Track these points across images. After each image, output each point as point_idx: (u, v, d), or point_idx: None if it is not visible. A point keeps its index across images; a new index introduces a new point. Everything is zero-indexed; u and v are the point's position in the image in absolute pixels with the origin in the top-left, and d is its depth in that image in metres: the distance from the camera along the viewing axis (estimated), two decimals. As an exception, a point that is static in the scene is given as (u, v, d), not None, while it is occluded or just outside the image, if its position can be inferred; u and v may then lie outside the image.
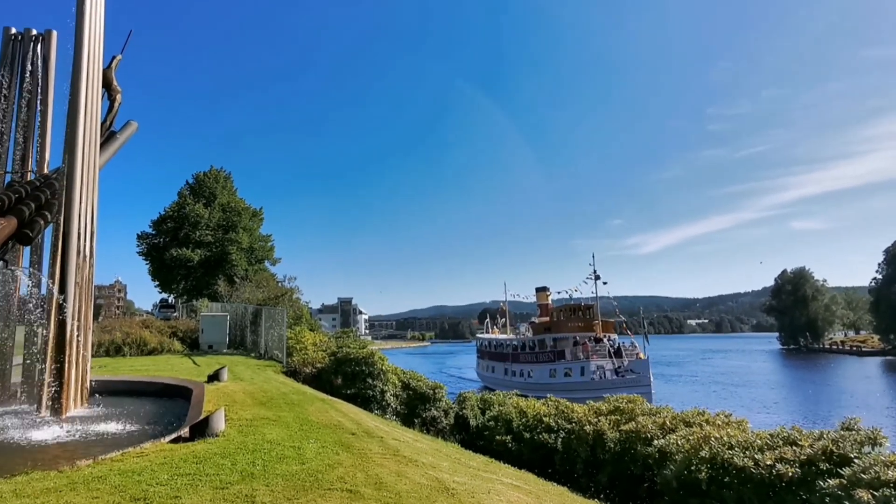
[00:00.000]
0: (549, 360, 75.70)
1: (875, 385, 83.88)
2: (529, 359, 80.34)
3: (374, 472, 8.59)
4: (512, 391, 25.29)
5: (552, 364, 74.63)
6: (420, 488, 7.97)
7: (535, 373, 77.19)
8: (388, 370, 23.82)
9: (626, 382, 62.30)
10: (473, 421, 22.53)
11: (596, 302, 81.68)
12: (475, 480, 9.49)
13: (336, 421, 13.23)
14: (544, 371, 75.29)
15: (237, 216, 76.98)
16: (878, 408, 59.36)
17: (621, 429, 16.30)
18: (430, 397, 23.34)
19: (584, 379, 68.07)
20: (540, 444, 18.21)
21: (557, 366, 73.58)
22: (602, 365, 68.80)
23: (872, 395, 71.27)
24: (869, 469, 9.03)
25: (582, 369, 69.59)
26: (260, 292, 50.06)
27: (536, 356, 79.00)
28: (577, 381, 68.20)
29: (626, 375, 65.94)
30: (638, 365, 66.94)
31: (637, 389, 53.88)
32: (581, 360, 70.42)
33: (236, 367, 23.65)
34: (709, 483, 11.64)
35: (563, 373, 72.10)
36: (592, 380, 67.17)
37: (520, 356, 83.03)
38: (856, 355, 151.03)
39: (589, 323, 78.70)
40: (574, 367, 70.92)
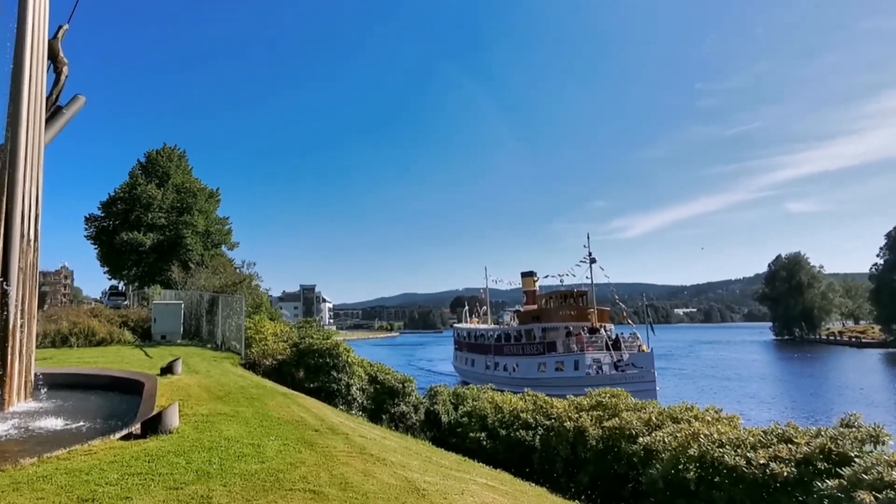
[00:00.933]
0: (537, 353, 72.55)
1: (876, 379, 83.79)
2: (515, 351, 76.99)
3: (340, 472, 8.56)
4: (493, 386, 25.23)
5: (541, 357, 71.54)
6: (388, 489, 7.96)
7: (521, 366, 73.98)
8: (354, 362, 23.77)
9: (627, 378, 59.88)
10: (445, 417, 22.56)
11: (591, 288, 77.80)
12: (447, 480, 9.49)
13: (298, 416, 13.20)
14: (532, 364, 72.25)
15: (192, 197, 76.37)
16: (880, 403, 59.37)
17: (604, 425, 16.16)
18: (398, 391, 23.32)
19: (579, 374, 64.25)
20: (517, 441, 18.03)
21: (547, 359, 70.57)
22: (599, 358, 65.88)
23: (874, 389, 71.05)
24: (871, 469, 8.87)
25: (576, 363, 66.60)
26: (217, 279, 49.79)
27: (523, 348, 75.70)
28: (571, 377, 64.17)
29: (627, 370, 63.42)
30: (640, 358, 64.52)
31: (639, 386, 54.42)
32: (575, 353, 67.51)
33: (191, 359, 23.52)
34: (697, 483, 11.55)
35: (553, 367, 69.28)
36: (588, 374, 63.24)
37: (504, 348, 79.81)
38: (855, 347, 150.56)
39: (583, 311, 75.73)
40: (567, 361, 67.96)
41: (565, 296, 79.62)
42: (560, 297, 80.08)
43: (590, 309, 75.49)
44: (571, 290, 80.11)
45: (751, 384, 77.66)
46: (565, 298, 79.18)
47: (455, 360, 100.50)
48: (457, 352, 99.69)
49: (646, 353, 64.99)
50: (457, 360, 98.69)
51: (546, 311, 78.98)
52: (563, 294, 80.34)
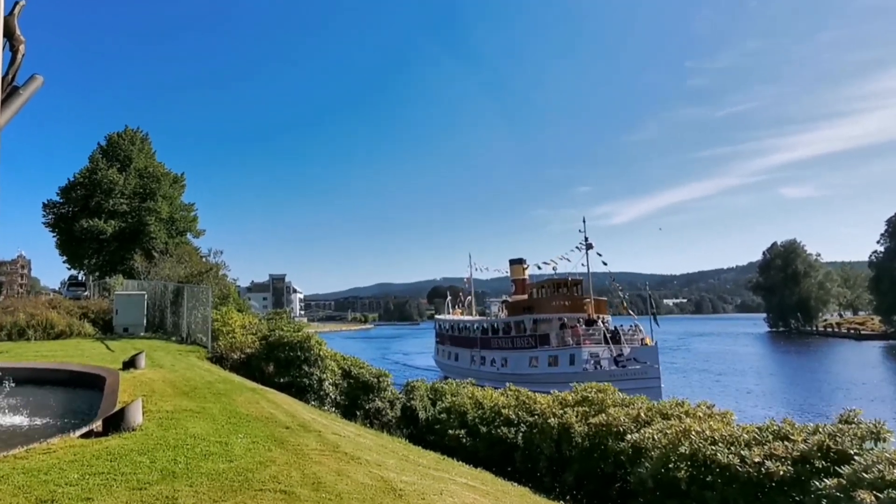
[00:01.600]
0: (528, 346, 70.64)
1: (876, 373, 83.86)
2: (504, 344, 75.15)
3: (312, 471, 8.55)
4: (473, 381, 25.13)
5: (533, 351, 69.56)
6: (363, 489, 7.95)
7: (511, 361, 72.34)
8: (327, 356, 23.72)
9: (628, 374, 58.01)
10: (423, 413, 22.52)
11: (588, 276, 75.22)
12: (425, 480, 9.49)
13: (268, 413, 13.17)
14: (523, 359, 70.39)
15: (156, 182, 76.02)
16: (882, 398, 59.27)
17: (590, 422, 15.99)
18: (373, 386, 23.27)
19: (575, 369, 61.07)
20: (498, 438, 17.94)
21: (540, 353, 68.37)
22: (597, 352, 63.26)
23: (874, 384, 70.94)
24: (872, 467, 8.68)
25: (571, 357, 64.20)
26: (182, 268, 49.72)
27: (513, 341, 73.81)
28: (566, 372, 60.39)
29: (629, 365, 60.90)
30: (643, 353, 62.04)
31: (642, 383, 53.02)
32: (570, 347, 65.20)
33: (155, 353, 23.48)
34: (689, 482, 11.41)
35: (546, 361, 66.96)
36: (585, 370, 60.39)
37: (491, 341, 78.04)
38: (853, 339, 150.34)
39: (577, 301, 73.23)
40: (561, 355, 65.58)
41: (558, 284, 76.89)
42: (553, 285, 77.47)
43: (586, 299, 73.37)
44: (565, 279, 77.42)
45: (745, 379, 77.66)
46: (558, 287, 76.49)
47: (436, 353, 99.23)
48: (438, 345, 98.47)
49: (649, 347, 62.82)
50: (438, 354, 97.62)
51: (538, 302, 76.43)
52: (556, 282, 77.61)
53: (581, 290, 75.32)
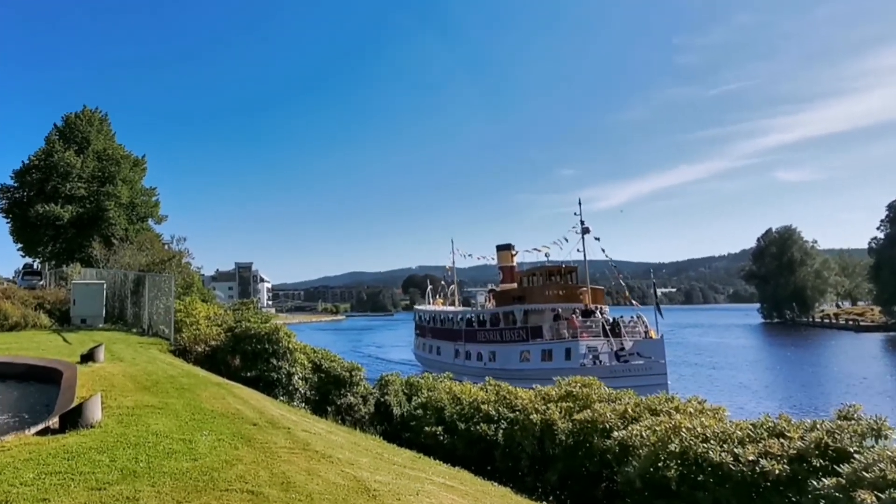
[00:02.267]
0: (519, 339, 68.20)
1: (877, 366, 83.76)
2: (491, 337, 72.75)
3: (281, 470, 8.53)
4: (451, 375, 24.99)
5: (524, 344, 67.03)
6: (335, 489, 7.94)
7: (499, 355, 70.02)
8: (296, 348, 23.63)
9: (631, 370, 56.35)
10: (397, 409, 22.51)
11: (584, 263, 72.34)
12: (400, 479, 9.49)
13: (234, 409, 13.13)
14: (513, 353, 68.02)
15: (115, 166, 75.64)
16: (882, 393, 59.28)
17: (574, 418, 15.89)
18: (345, 381, 23.20)
19: (571, 364, 57.26)
20: (477, 436, 17.86)
21: (532, 346, 65.80)
22: (595, 346, 60.57)
23: (874, 378, 70.77)
24: (872, 466, 8.64)
25: (567, 351, 61.39)
26: (143, 256, 49.50)
27: (501, 334, 71.24)
28: (561, 368, 52.15)
29: (632, 360, 58.30)
30: (648, 346, 59.47)
31: (647, 380, 52.18)
32: (566, 340, 62.53)
33: (115, 345, 23.33)
34: (679, 482, 11.35)
35: (539, 355, 64.33)
36: (582, 365, 56.58)
37: (477, 334, 75.64)
38: (852, 330, 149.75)
39: (573, 290, 70.90)
40: (556, 349, 62.80)
41: (551, 272, 74.93)
42: (545, 273, 75.35)
43: (582, 287, 70.96)
44: (559, 266, 75.55)
45: (739, 372, 77.48)
46: (551, 275, 74.52)
47: (416, 346, 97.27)
48: (418, 337, 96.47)
49: (654, 340, 60.28)
50: (418, 347, 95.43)
51: (529, 291, 74.27)
52: (548, 270, 75.59)
53: (576, 279, 73.92)
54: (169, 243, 61.08)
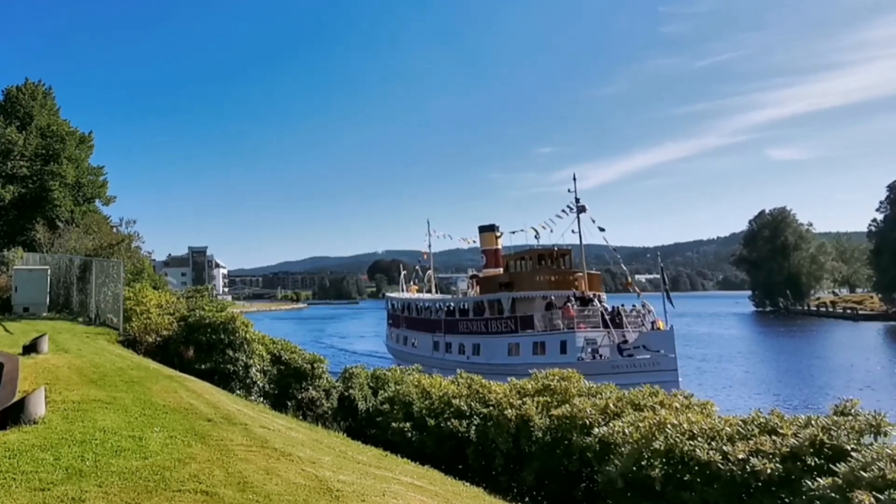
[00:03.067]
0: (507, 331, 65.45)
1: (876, 358, 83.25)
2: (475, 328, 70.17)
3: (237, 469, 8.52)
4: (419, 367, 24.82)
5: (512, 336, 64.42)
6: (295, 489, 7.93)
7: (485, 348, 67.64)
8: (254, 339, 23.55)
9: (637, 365, 53.20)
10: (363, 404, 22.53)
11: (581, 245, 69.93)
12: (366, 479, 9.50)
13: (187, 404, 13.09)
14: (500, 346, 65.45)
15: (60, 143, 74.88)
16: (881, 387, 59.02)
17: (552, 413, 15.66)
18: (307, 374, 23.18)
19: (567, 359, 54.68)
20: (448, 432, 17.69)
21: (522, 339, 63.11)
22: (594, 339, 58.05)
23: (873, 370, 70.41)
24: (871, 465, 8.56)
25: (563, 344, 58.64)
26: (90, 240, 49.28)
27: (487, 324, 68.51)
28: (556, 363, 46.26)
29: (637, 355, 55.36)
30: (655, 339, 56.65)
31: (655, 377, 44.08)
32: (560, 331, 59.75)
33: (60, 336, 23.20)
34: (664, 482, 11.19)
35: (530, 349, 61.52)
36: (580, 360, 55.07)
37: (458, 324, 73.26)
38: (850, 319, 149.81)
39: (567, 276, 68.49)
40: (549, 342, 60.00)
41: (541, 255, 71.73)
42: (535, 256, 71.95)
43: (577, 273, 68.70)
44: (550, 249, 72.24)
45: (729, 365, 77.52)
46: (542, 259, 71.39)
47: (388, 338, 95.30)
48: (391, 328, 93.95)
49: (663, 332, 57.41)
50: (392, 339, 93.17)
51: (517, 276, 71.04)
52: (538, 253, 72.25)
53: (570, 263, 71.67)
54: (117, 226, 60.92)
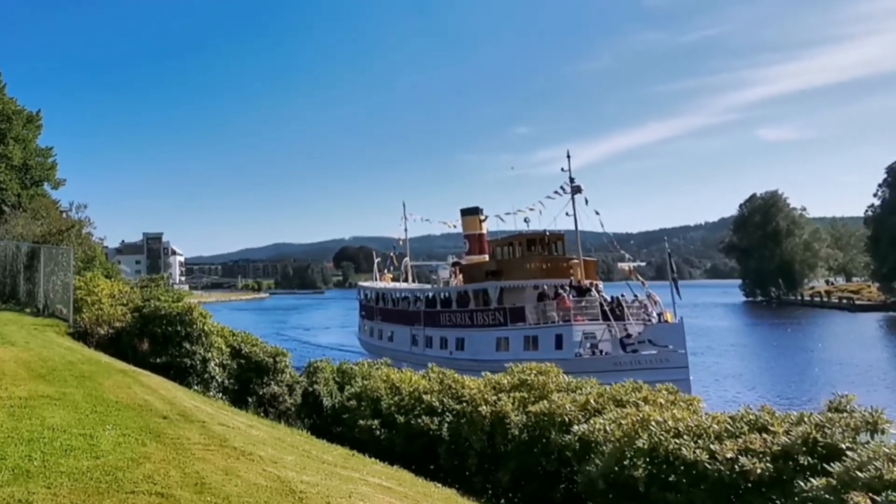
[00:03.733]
0: (495, 323, 62.87)
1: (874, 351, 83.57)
2: (459, 320, 67.68)
3: (194, 470, 8.52)
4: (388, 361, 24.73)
5: (501, 329, 61.98)
6: (256, 491, 7.94)
7: (470, 342, 65.00)
8: (213, 331, 23.44)
9: (643, 362, 50.76)
10: (328, 400, 22.46)
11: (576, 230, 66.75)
12: (331, 480, 9.52)
13: (142, 400, 13.06)
14: (487, 340, 62.76)
15: (6, 122, 74.45)
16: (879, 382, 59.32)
17: (529, 410, 15.64)
18: (269, 368, 23.06)
19: (563, 355, 52.48)
20: (419, 430, 17.60)
21: (511, 332, 60.69)
22: (593, 332, 55.73)
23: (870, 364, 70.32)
24: (867, 465, 8.41)
25: (558, 338, 56.22)
26: (38, 225, 48.92)
27: (472, 316, 66.07)
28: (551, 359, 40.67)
29: (642, 350, 52.72)
30: (663, 333, 53.96)
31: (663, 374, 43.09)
32: (555, 325, 57.14)
33: (6, 327, 23.05)
34: (648, 483, 11.06)
35: (521, 343, 58.82)
36: (578, 356, 53.34)
37: (440, 316, 70.88)
38: (846, 310, 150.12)
39: (560, 263, 66.07)
40: (543, 336, 57.69)
41: (532, 240, 68.82)
42: (525, 242, 68.98)
43: (572, 259, 66.28)
44: (541, 233, 69.33)
45: (718, 359, 77.48)
46: (532, 244, 68.45)
47: (361, 331, 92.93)
48: (364, 320, 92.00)
49: (671, 325, 54.86)
50: (364, 332, 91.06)
51: (506, 264, 68.48)
52: (528, 238, 69.33)
53: (564, 248, 69.48)
54: (67, 211, 60.71)
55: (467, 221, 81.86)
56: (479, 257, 77.98)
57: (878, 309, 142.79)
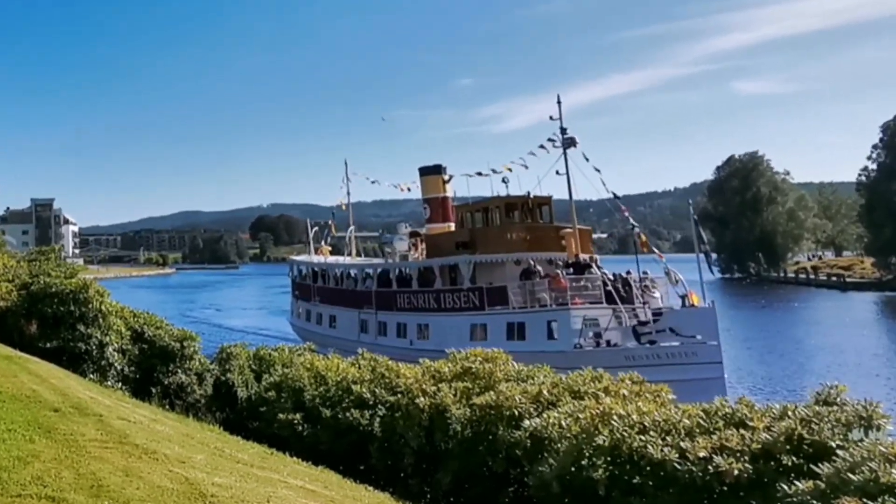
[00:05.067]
0: (469, 307, 56.88)
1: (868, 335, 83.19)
2: (422, 303, 62.14)
3: (90, 470, 8.48)
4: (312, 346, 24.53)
5: (476, 314, 55.88)
6: (161, 494, 7.92)
7: (436, 330, 58.48)
8: (111, 311, 23.27)
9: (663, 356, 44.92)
10: (243, 390, 22.31)
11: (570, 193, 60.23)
12: (246, 482, 9.50)
13: (29, 390, 12.98)
14: (458, 327, 55.75)
15: None
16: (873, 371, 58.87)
17: (474, 402, 15.21)
18: (175, 354, 22.88)
19: (559, 345, 48.02)
20: (347, 425, 17.15)
21: (490, 318, 54.63)
22: (596, 318, 49.32)
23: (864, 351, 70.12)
24: (861, 466, 8.10)
25: (550, 326, 50.24)
26: None
27: (439, 298, 60.18)
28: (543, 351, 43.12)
29: (662, 341, 46.94)
30: (688, 319, 49.13)
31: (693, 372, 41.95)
32: (547, 309, 50.78)
33: None
34: (609, 485, 10.66)
35: (503, 331, 52.67)
36: (578, 347, 47.15)
37: (397, 297, 65.13)
38: (836, 288, 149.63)
39: (547, 233, 60.16)
40: (532, 322, 51.55)
41: (511, 205, 62.98)
42: (502, 206, 62.85)
43: (564, 228, 60.13)
44: (523, 197, 62.28)
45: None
46: (511, 210, 62.91)
47: (295, 314, 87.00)
48: (299, 301, 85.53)
49: (699, 310, 50.57)
50: (300, 316, 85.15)
51: (481, 234, 61.47)
52: (507, 202, 63.09)
53: (552, 215, 63.69)
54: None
55: (427, 182, 74.39)
56: (443, 226, 71.50)
57: (872, 287, 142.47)
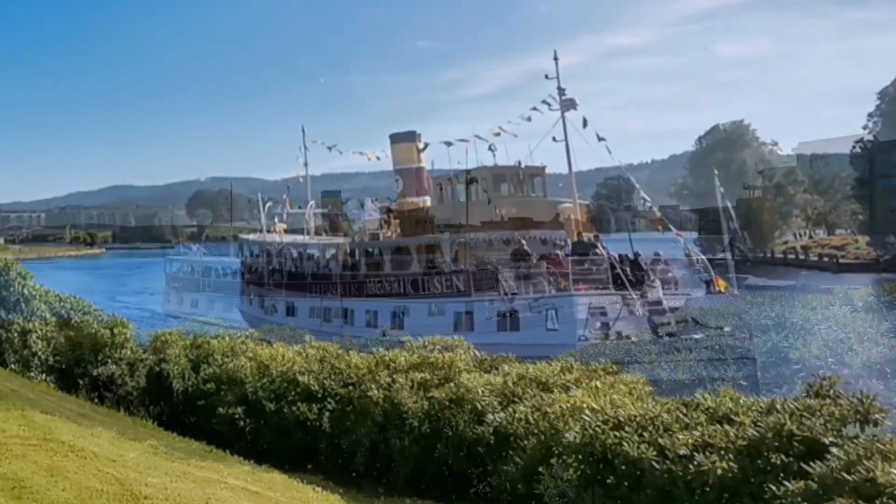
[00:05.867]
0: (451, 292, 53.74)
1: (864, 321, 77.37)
2: (395, 288, 58.02)
3: (12, 469, 8.45)
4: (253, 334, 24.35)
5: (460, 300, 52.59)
6: (89, 496, 7.88)
7: (414, 318, 54.24)
8: (35, 296, 23.25)
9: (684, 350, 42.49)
10: (180, 382, 22.19)
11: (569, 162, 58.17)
12: (183, 483, 9.48)
13: (-55, 383, 12.86)
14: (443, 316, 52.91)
15: None
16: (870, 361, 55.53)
17: (432, 395, 15.38)
18: (105, 342, 22.84)
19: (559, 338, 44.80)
20: (294, 421, 17.35)
21: (478, 304, 51.10)
22: (603, 307, 46.90)
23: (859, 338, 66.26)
24: (856, 464, 8.03)
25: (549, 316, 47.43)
26: None
27: (416, 283, 56.44)
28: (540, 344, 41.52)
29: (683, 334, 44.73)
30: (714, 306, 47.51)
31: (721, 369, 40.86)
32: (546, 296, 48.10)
33: None
34: (580, 486, 10.65)
35: (493, 321, 49.83)
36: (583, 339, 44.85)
37: (366, 283, 60.69)
38: (828, 270, 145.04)
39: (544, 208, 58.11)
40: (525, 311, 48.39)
41: (499, 175, 61.82)
42: (489, 177, 60.80)
43: (562, 203, 59.78)
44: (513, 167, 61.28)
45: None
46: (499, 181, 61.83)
47: (246, 302, 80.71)
48: (249, 287, 79.41)
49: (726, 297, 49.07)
50: (251, 304, 78.86)
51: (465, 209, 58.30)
52: (493, 173, 61.49)
53: (545, 188, 63.25)
54: None
55: (400, 151, 67.94)
56: (419, 200, 65.98)
57: (868, 269, 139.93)
